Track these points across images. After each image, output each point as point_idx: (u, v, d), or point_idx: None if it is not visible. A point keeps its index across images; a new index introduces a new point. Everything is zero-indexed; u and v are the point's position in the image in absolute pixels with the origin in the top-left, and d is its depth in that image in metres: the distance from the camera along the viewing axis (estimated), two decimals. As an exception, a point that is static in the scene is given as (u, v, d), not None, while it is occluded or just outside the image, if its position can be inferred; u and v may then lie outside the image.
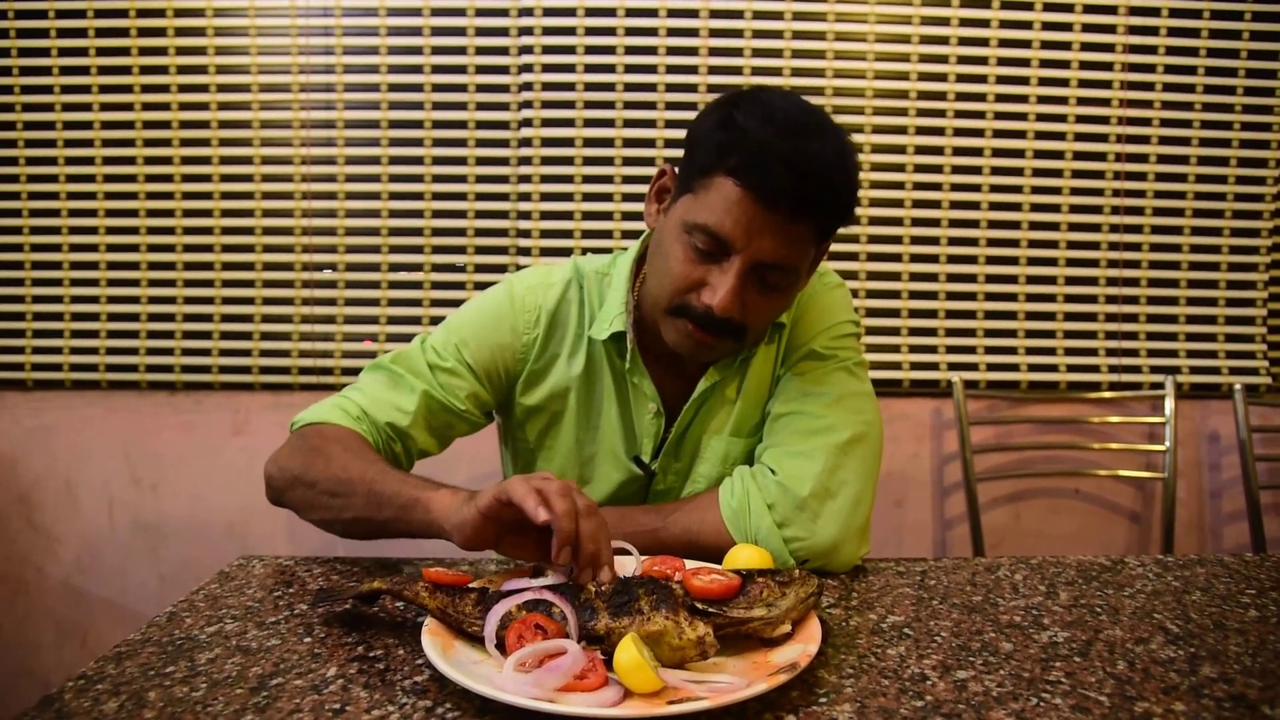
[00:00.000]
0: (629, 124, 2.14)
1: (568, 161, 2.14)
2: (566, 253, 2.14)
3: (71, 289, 2.16)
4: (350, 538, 1.03)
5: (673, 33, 2.12)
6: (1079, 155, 2.19)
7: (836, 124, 0.99)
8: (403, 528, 0.94)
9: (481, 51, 2.13)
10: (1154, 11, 2.16)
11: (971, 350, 2.21)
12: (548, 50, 2.12)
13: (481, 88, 2.13)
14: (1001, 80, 2.16)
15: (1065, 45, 2.16)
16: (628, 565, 0.91)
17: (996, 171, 2.18)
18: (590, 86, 2.13)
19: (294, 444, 1.07)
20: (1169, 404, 2.15)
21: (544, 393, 1.17)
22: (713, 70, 2.13)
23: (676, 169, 1.06)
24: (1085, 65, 2.17)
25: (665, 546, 1.00)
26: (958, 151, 2.17)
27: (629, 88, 2.13)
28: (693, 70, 2.13)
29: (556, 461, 1.18)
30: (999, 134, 2.17)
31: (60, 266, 2.16)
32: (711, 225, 0.96)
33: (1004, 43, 2.15)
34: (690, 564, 0.89)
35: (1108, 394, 2.20)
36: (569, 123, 2.14)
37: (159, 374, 2.16)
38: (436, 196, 2.15)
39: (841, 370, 1.12)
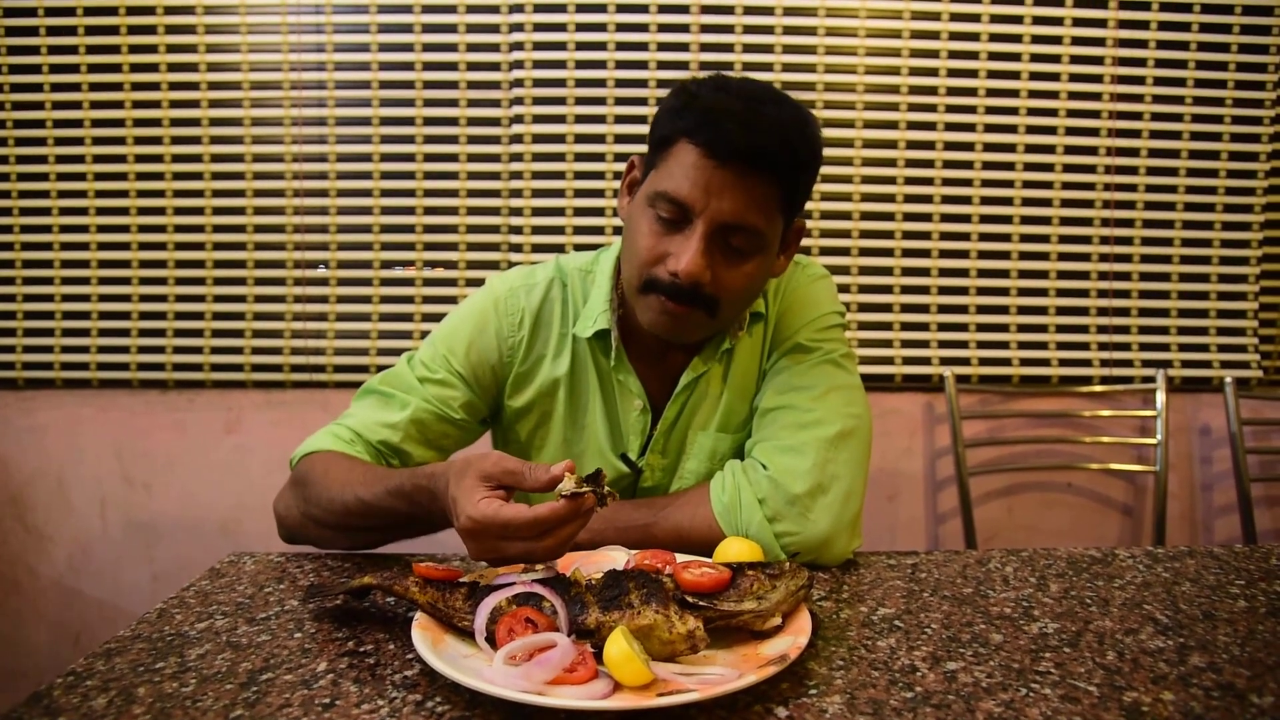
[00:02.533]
0: (620, 120, 2.14)
1: (559, 158, 2.14)
2: (559, 249, 2.14)
3: (62, 288, 2.16)
4: (384, 544, 1.06)
5: (664, 29, 2.12)
6: (1070, 149, 2.19)
7: (797, 101, 1.03)
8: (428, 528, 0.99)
9: (472, 48, 2.12)
10: (1144, 6, 2.16)
11: (963, 345, 2.22)
12: (539, 47, 2.11)
13: (473, 84, 2.13)
14: (992, 75, 2.16)
15: (1056, 40, 2.16)
16: (619, 559, 0.92)
17: (988, 166, 2.18)
18: (581, 83, 2.13)
19: (294, 480, 1.09)
20: (1160, 397, 2.16)
21: (532, 393, 1.17)
22: (704, 66, 2.13)
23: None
24: (1076, 60, 2.17)
25: (657, 541, 1.00)
26: (949, 146, 2.18)
27: (620, 84, 2.13)
28: (684, 66, 2.13)
29: (546, 461, 1.18)
30: (990, 128, 2.18)
31: (51, 265, 2.15)
32: (670, 190, 0.98)
33: (995, 37, 2.15)
34: (681, 557, 0.89)
35: (1099, 387, 2.21)
36: (560, 119, 2.13)
37: (151, 372, 2.15)
38: (428, 194, 2.15)
39: (828, 363, 1.12)
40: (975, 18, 2.14)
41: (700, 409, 1.16)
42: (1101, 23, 2.16)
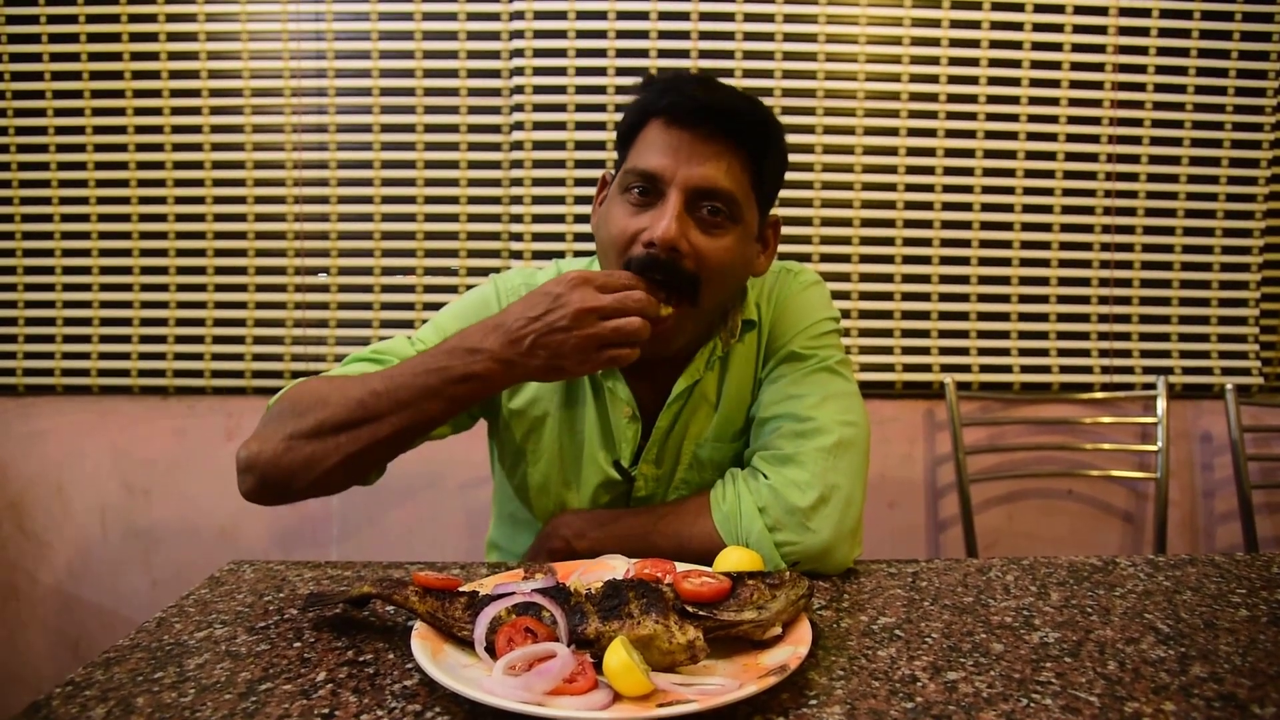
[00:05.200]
0: (621, 127, 2.14)
1: (560, 164, 2.14)
2: (559, 255, 2.14)
3: (63, 294, 2.16)
4: (383, 459, 1.01)
5: (663, 35, 2.12)
6: (1070, 156, 2.19)
7: None
8: (465, 402, 0.96)
9: (473, 55, 2.13)
10: (1144, 13, 2.16)
11: (964, 352, 2.22)
12: (539, 54, 2.12)
13: (473, 91, 2.14)
14: (993, 82, 2.17)
15: (1056, 47, 2.16)
16: (619, 567, 0.91)
17: (988, 173, 2.19)
18: (582, 89, 2.13)
19: (272, 415, 1.01)
20: (1161, 404, 2.15)
21: (527, 397, 1.17)
22: (703, 73, 2.13)
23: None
24: (1076, 67, 2.17)
25: (657, 549, 1.00)
26: (949, 154, 2.18)
27: (621, 90, 2.13)
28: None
29: (541, 465, 1.18)
30: (991, 135, 2.18)
31: (53, 271, 2.15)
32: (640, 165, 1.01)
33: (995, 44, 2.16)
34: (681, 566, 0.89)
35: (1100, 394, 2.21)
36: (561, 125, 2.14)
37: (151, 379, 2.15)
38: (429, 200, 2.15)
39: (823, 370, 1.12)
40: (976, 24, 2.15)
41: (695, 419, 1.15)
42: (1101, 29, 2.16)
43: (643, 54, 2.12)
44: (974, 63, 2.16)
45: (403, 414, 0.94)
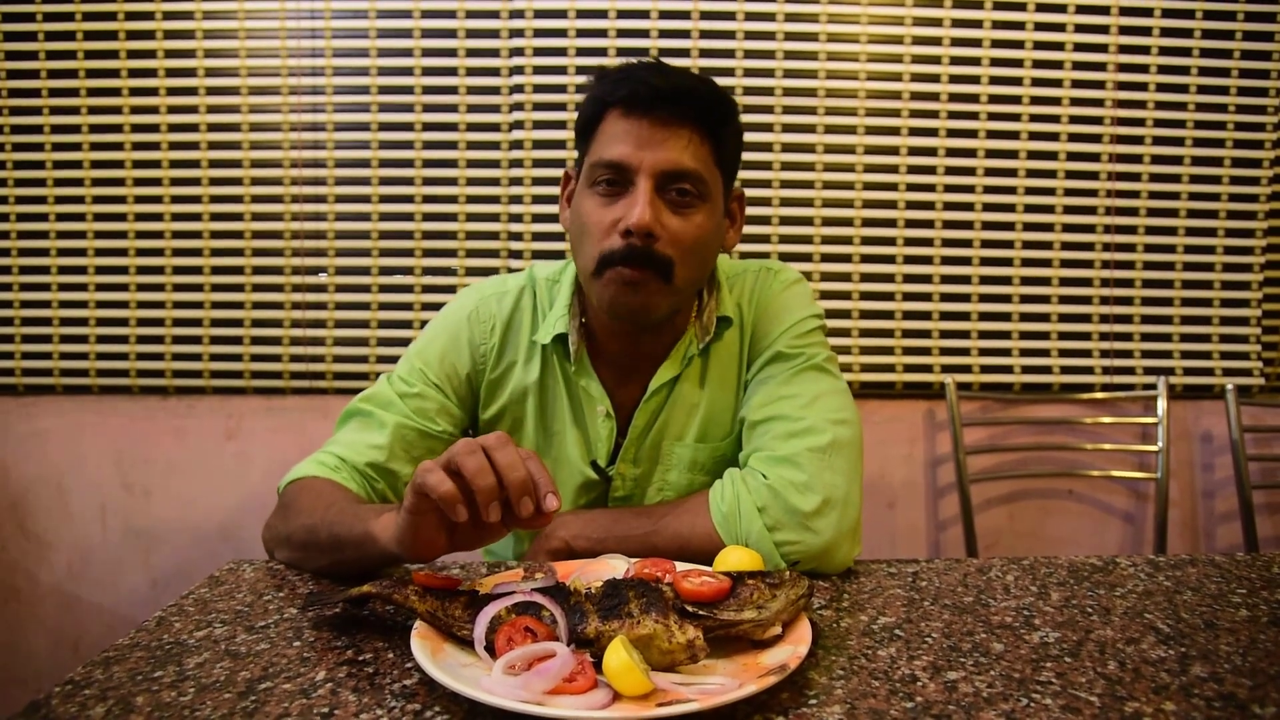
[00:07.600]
0: (621, 126, 2.13)
1: (559, 164, 2.14)
2: (559, 255, 2.14)
3: (60, 294, 2.15)
4: (347, 578, 1.00)
5: (664, 34, 2.12)
6: (1072, 156, 2.19)
7: None
8: (371, 564, 0.91)
9: (472, 54, 2.13)
10: (1146, 12, 2.16)
11: (965, 352, 2.21)
12: (539, 53, 2.12)
13: (472, 89, 2.13)
14: (994, 81, 2.16)
15: (1058, 46, 2.16)
16: (619, 567, 0.91)
17: (990, 173, 2.18)
18: (582, 89, 2.12)
19: (277, 506, 1.07)
20: (1162, 404, 2.15)
21: (503, 400, 1.18)
22: (703, 73, 2.13)
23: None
24: (1078, 66, 2.17)
25: (656, 549, 1.00)
26: (951, 153, 2.18)
27: (621, 90, 2.13)
28: (685, 73, 2.13)
29: None
30: (992, 135, 2.18)
31: (49, 271, 2.15)
32: (606, 156, 1.03)
33: (997, 44, 2.15)
34: (680, 566, 0.89)
35: (1101, 395, 2.21)
36: (560, 125, 2.13)
37: (150, 379, 2.15)
38: (427, 199, 2.15)
39: (811, 369, 1.12)
40: (977, 24, 2.15)
41: (674, 418, 1.16)
42: (1104, 29, 2.16)
43: (643, 54, 2.12)
44: (975, 62, 2.16)
45: (331, 555, 0.95)
